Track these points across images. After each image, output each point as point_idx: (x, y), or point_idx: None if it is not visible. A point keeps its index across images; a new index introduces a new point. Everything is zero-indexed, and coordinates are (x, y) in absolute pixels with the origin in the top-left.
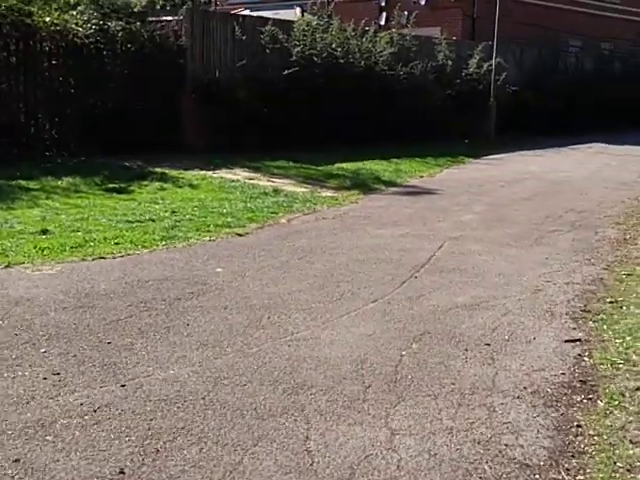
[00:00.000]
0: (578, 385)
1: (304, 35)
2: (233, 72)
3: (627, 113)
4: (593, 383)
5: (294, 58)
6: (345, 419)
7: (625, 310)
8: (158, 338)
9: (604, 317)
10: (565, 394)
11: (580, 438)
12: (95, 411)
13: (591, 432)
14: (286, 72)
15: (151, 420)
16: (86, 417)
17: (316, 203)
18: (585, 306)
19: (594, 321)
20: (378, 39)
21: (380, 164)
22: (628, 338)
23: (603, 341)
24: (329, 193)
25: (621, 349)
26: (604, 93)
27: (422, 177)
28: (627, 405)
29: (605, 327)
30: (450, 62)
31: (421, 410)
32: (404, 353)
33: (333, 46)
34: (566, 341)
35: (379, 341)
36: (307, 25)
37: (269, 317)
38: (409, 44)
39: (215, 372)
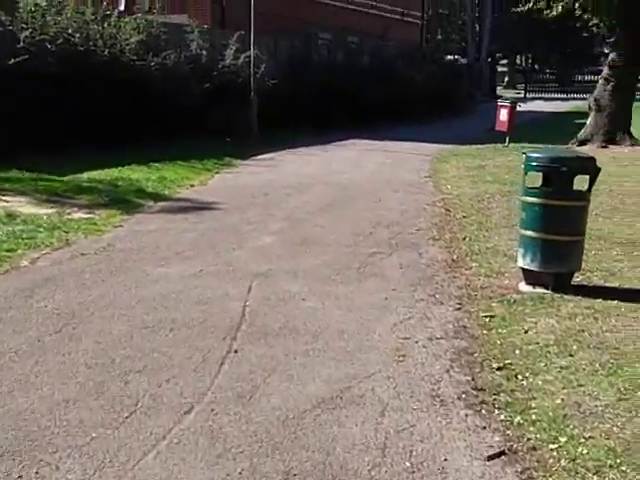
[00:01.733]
0: None
1: (33, 17)
2: None
3: (376, 106)
4: None
5: (22, 44)
6: None
7: (524, 382)
8: None
9: (508, 399)
10: None
11: None
12: None
13: None
14: (12, 61)
15: None
16: None
17: (68, 231)
18: (473, 380)
19: (499, 408)
20: (123, 25)
21: (140, 171)
22: (563, 439)
23: (534, 448)
24: (83, 214)
25: (566, 463)
26: (356, 87)
27: (193, 186)
28: None
29: (520, 419)
30: (205, 52)
31: None
32: None
33: (70, 31)
34: (489, 458)
35: None
36: (35, 5)
37: (20, 476)
38: (158, 31)
39: None
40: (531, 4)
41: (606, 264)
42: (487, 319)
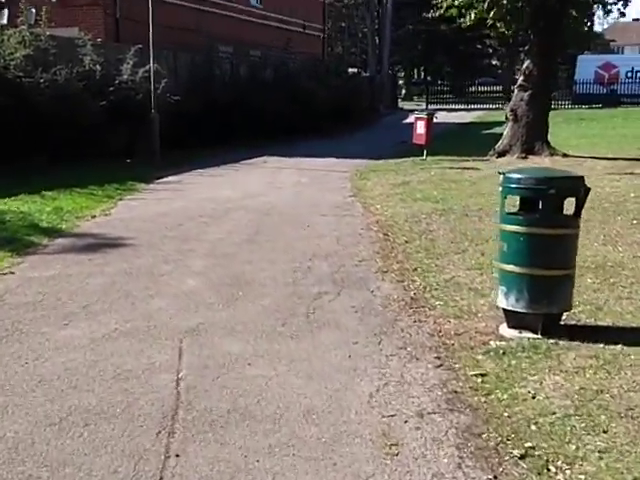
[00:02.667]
0: None
1: None
2: None
3: (281, 121)
4: None
5: None
6: None
7: (561, 478)
8: None
9: None
10: None
11: None
12: None
13: None
14: None
15: None
16: None
17: None
18: (495, 478)
19: None
20: (6, 38)
21: (31, 201)
22: None
23: None
24: None
25: None
26: (260, 101)
27: (95, 217)
28: None
29: None
30: (99, 67)
31: None
32: None
33: None
34: None
35: None
36: None
37: None
38: (46, 45)
39: None
40: (442, 11)
41: (587, 296)
42: (479, 379)
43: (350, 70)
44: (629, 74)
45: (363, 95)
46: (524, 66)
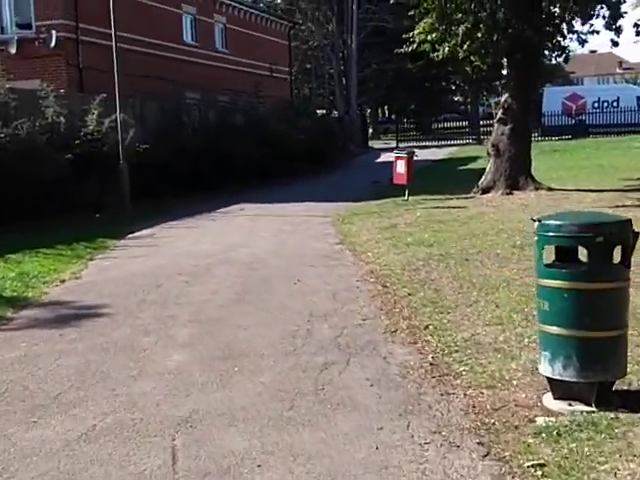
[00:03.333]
0: None
1: None
2: None
3: (254, 166)
4: None
5: None
6: None
7: None
8: None
9: None
10: None
11: None
12: None
13: None
14: None
15: None
16: None
17: None
18: None
19: None
20: None
21: None
22: None
23: None
24: None
25: None
26: (231, 146)
27: (64, 281)
28: None
29: None
30: (63, 119)
31: None
32: None
33: None
34: None
35: None
36: None
37: None
38: (6, 99)
39: None
40: (415, 45)
41: (631, 352)
42: (538, 472)
43: (319, 111)
44: (596, 104)
45: (335, 136)
46: (502, 99)
